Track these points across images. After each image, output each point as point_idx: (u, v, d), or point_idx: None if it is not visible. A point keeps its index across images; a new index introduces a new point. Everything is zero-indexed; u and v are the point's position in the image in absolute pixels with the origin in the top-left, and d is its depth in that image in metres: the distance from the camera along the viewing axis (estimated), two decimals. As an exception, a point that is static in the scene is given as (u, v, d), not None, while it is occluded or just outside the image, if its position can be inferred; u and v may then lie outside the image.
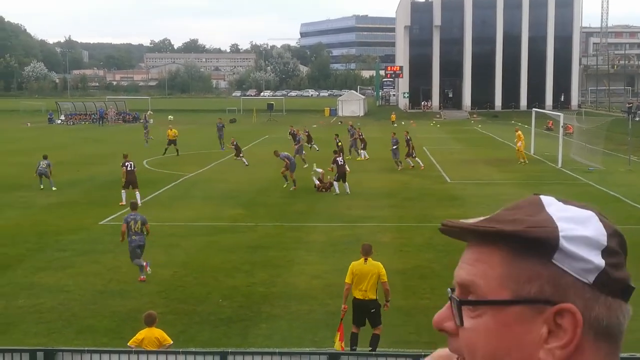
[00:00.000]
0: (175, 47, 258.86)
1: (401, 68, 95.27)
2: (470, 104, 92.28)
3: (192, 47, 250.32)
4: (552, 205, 1.19)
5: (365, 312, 11.98)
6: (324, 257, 18.30)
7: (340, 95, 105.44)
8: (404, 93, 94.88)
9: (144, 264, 16.21)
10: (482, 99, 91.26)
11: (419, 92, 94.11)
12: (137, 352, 9.39)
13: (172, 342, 10.51)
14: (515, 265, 1.14)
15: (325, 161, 32.68)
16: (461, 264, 1.21)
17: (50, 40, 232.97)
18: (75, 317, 13.72)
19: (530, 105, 79.80)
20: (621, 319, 1.15)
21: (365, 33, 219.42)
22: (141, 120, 68.83)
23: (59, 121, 79.99)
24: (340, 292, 15.15)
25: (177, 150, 43.04)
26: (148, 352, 9.45)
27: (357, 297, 11.91)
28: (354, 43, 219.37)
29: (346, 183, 28.96)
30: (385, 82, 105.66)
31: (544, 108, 74.71)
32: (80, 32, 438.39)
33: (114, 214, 24.15)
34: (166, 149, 43.05)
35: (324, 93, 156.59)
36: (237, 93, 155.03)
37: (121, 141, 49.15)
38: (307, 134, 46.72)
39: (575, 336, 1.10)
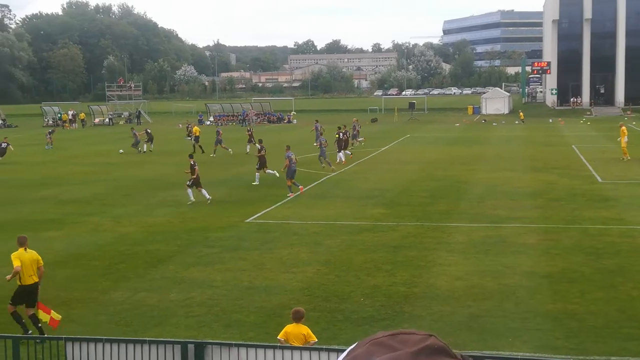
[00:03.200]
0: (318, 48, 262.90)
1: (549, 64, 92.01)
2: (623, 100, 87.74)
3: (334, 47, 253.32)
4: None
5: (31, 295, 13.24)
6: (466, 258, 17.98)
7: (484, 93, 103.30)
8: (552, 89, 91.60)
9: None
10: (637, 94, 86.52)
11: (567, 88, 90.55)
12: (282, 348, 9.59)
13: (317, 340, 10.66)
14: None
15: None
16: None
17: (200, 45, 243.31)
18: (223, 312, 14.20)
19: (690, 100, 74.96)
20: None
21: (511, 28, 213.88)
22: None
23: (208, 122, 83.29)
24: (483, 294, 14.86)
25: (200, 147, 44.97)
26: (292, 348, 9.63)
27: (28, 283, 13.16)
28: (499, 39, 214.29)
29: (266, 171, 31.35)
30: (531, 79, 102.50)
31: None
32: (228, 36, 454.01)
33: (260, 212, 24.82)
34: (199, 146, 45.18)
35: (467, 91, 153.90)
36: (379, 92, 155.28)
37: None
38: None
39: None
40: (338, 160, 38.91)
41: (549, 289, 15.23)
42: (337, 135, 40.51)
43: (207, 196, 26.83)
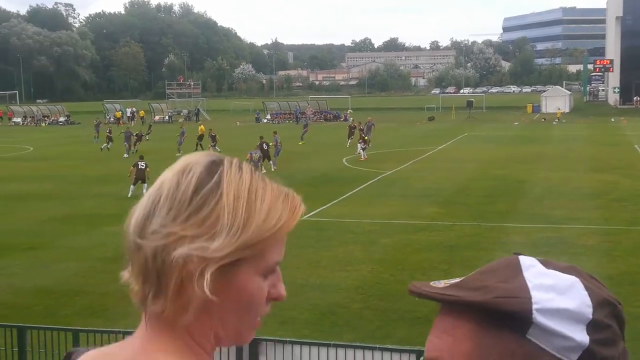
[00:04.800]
0: (376, 46, 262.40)
1: (611, 61, 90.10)
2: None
3: (391, 45, 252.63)
4: (531, 269, 1.05)
5: None
6: (524, 259, 17.71)
7: (544, 91, 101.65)
8: (615, 88, 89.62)
9: None
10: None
11: (631, 86, 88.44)
12: (336, 346, 9.60)
13: None
14: (484, 340, 1.01)
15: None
16: (430, 336, 1.09)
17: (259, 43, 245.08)
18: (278, 308, 14.18)
19: None
20: None
21: (573, 25, 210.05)
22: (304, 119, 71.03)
23: (265, 120, 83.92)
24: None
25: (201, 146, 45.54)
26: (346, 346, 9.64)
27: None
28: (560, 36, 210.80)
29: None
30: (593, 77, 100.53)
31: None
32: (286, 34, 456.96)
33: (316, 209, 24.88)
34: (198, 144, 45.73)
35: (527, 89, 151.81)
36: (436, 90, 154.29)
37: (315, 140, 50.65)
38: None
39: None
40: (363, 158, 40.13)
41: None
42: (364, 137, 42.19)
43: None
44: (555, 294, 1.01)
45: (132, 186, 28.87)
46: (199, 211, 1.17)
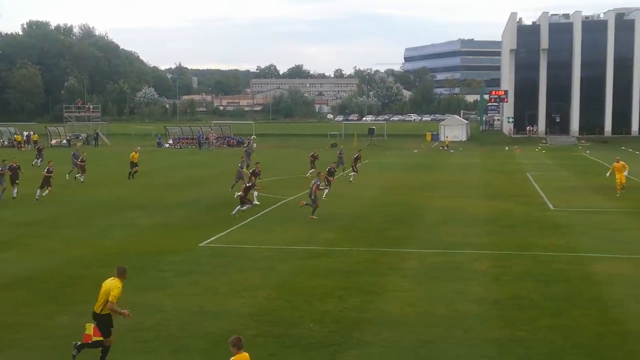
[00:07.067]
0: (281, 72, 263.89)
1: (506, 92, 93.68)
2: (578, 129, 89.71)
3: (296, 72, 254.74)
4: None
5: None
6: (418, 284, 18.05)
7: (443, 120, 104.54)
8: (509, 118, 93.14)
9: None
10: (591, 124, 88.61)
11: (524, 116, 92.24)
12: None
13: None
14: None
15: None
16: None
17: (162, 67, 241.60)
18: (171, 337, 14.02)
19: (642, 130, 76.79)
20: None
21: (471, 57, 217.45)
22: (245, 145, 71.10)
23: (167, 145, 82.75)
24: (434, 320, 14.92)
25: (130, 174, 44.49)
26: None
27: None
28: (459, 67, 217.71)
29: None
30: (489, 107, 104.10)
31: (657, 133, 71.70)
32: (191, 58, 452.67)
33: (215, 235, 24.67)
34: (130, 172, 44.63)
35: (427, 117, 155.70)
36: (340, 117, 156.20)
37: (221, 164, 50.37)
38: None
39: None
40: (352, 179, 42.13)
41: (498, 316, 15.32)
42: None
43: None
44: None
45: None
46: None
